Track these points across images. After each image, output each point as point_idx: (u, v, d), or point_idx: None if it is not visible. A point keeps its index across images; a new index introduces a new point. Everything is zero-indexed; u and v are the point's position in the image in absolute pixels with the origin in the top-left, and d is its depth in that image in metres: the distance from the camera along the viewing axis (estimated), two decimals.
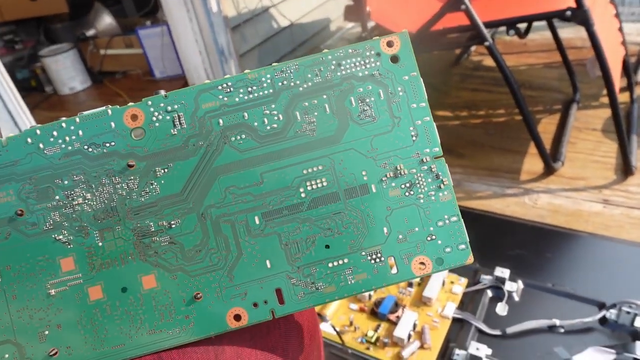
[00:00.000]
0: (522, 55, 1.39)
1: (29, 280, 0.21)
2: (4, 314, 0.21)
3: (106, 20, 1.85)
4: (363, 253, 0.22)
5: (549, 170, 0.90)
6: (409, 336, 0.55)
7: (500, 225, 0.72)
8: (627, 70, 1.02)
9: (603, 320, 0.54)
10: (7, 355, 0.21)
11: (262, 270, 0.22)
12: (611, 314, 0.54)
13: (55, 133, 0.22)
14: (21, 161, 0.22)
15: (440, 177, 0.22)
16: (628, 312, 0.52)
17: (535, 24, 1.07)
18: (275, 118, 0.22)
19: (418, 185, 0.22)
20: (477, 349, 0.52)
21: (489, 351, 0.52)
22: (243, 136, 0.22)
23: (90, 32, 1.81)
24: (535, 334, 0.54)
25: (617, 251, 0.64)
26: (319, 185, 0.22)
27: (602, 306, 0.56)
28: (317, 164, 0.22)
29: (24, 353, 0.21)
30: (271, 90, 0.22)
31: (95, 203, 0.22)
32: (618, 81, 0.85)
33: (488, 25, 0.83)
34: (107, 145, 0.22)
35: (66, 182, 0.22)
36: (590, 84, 1.16)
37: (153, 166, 0.22)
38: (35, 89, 1.82)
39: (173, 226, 0.22)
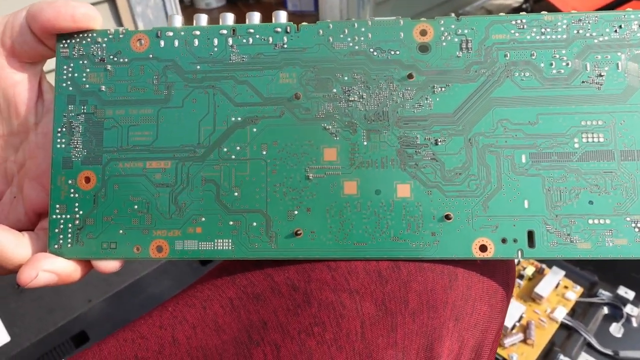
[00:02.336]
0: None
1: (291, 160, 0.22)
2: (262, 184, 0.22)
3: None
4: (628, 219, 0.21)
5: None
6: (513, 326, 0.54)
7: None
8: None
9: None
10: (255, 224, 0.22)
11: (518, 209, 0.21)
12: None
13: (346, 30, 0.23)
14: (309, 49, 0.23)
15: None
16: None
17: None
18: (564, 64, 0.22)
19: None
20: None
21: None
22: (527, 74, 0.22)
23: None
24: None
25: None
26: (595, 139, 0.22)
27: None
28: (598, 118, 0.22)
29: (270, 226, 0.22)
30: (565, 36, 0.22)
31: (369, 104, 0.22)
32: None
33: None
34: (392, 52, 0.22)
35: (346, 78, 0.22)
36: None
37: (432, 82, 0.22)
38: None
39: (439, 144, 0.22)
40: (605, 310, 0.57)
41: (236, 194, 0.22)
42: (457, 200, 0.22)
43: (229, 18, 0.24)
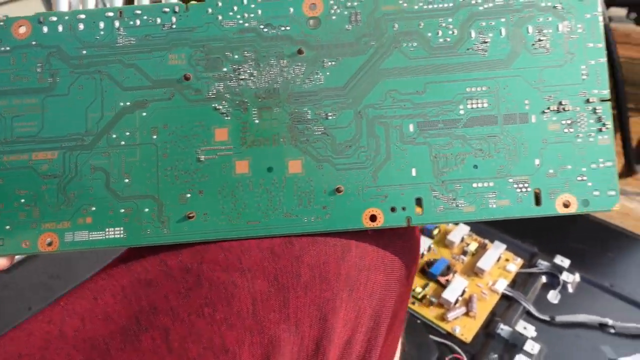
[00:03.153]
0: (623, 46, 1.30)
1: (182, 143, 0.22)
2: (153, 169, 0.22)
3: None
4: (510, 180, 0.22)
5: (628, 171, 0.87)
6: (456, 301, 0.55)
7: (565, 215, 0.69)
8: None
9: None
10: (146, 210, 0.22)
11: (406, 177, 0.22)
12: None
13: (235, 8, 0.22)
14: (198, 29, 0.22)
15: (603, 120, 0.22)
16: None
17: None
18: (450, 32, 0.22)
19: (579, 123, 0.22)
20: (525, 328, 0.52)
21: (534, 333, 0.52)
22: (415, 44, 0.22)
23: None
24: (584, 328, 0.53)
25: None
26: (480, 105, 0.22)
27: None
28: (482, 84, 0.22)
29: (162, 211, 0.22)
30: (451, 4, 0.22)
31: (259, 81, 0.22)
32: None
33: (607, 3, 0.79)
34: (282, 28, 0.22)
35: (236, 56, 0.22)
36: None
37: (322, 57, 0.22)
38: None
39: (329, 118, 0.22)
40: (544, 279, 0.59)
41: (127, 180, 0.22)
42: (347, 173, 0.22)
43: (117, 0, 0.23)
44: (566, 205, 0.22)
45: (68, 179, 0.22)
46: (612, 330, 0.53)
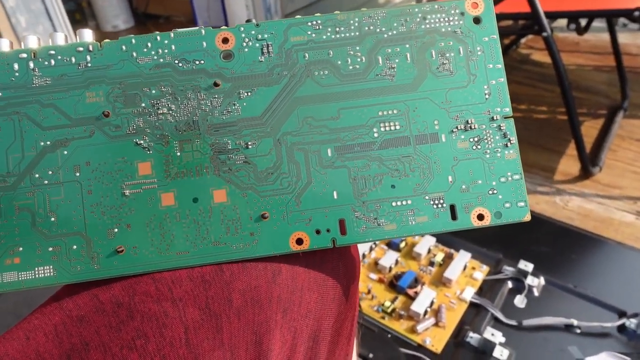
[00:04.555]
0: (573, 54, 1.35)
1: (106, 179, 0.22)
2: (78, 206, 0.22)
3: None
4: (426, 197, 0.23)
5: (585, 174, 0.90)
6: (425, 312, 0.56)
7: (530, 221, 0.71)
8: None
9: (621, 328, 0.55)
10: (75, 247, 0.22)
11: (328, 200, 0.23)
12: (631, 323, 0.54)
13: (149, 44, 0.23)
14: (114, 66, 0.23)
15: (508, 136, 0.23)
16: None
17: (593, 23, 1.03)
18: (358, 59, 0.23)
19: (486, 140, 0.23)
20: (492, 334, 0.53)
21: (503, 339, 0.53)
22: (326, 72, 0.23)
23: None
24: (550, 330, 0.55)
25: None
26: (392, 127, 0.23)
27: (622, 314, 0.56)
28: (393, 107, 0.23)
29: (91, 247, 0.22)
30: (357, 33, 0.23)
31: (178, 115, 0.23)
32: None
33: (549, 15, 0.80)
34: (197, 62, 0.23)
35: (154, 91, 0.23)
36: None
37: (238, 88, 0.23)
38: (79, 22, 1.85)
39: (249, 147, 0.23)
40: (510, 284, 0.61)
41: (53, 219, 0.22)
42: (271, 199, 0.23)
43: (32, 41, 0.23)
44: (480, 218, 0.23)
45: None
46: (578, 331, 0.55)
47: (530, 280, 0.60)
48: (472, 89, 0.23)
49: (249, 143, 0.23)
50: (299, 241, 0.23)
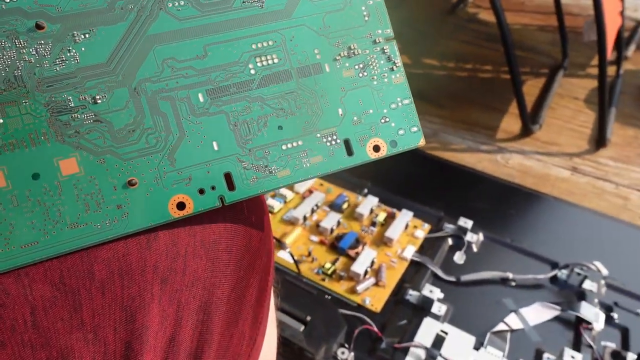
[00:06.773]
0: (518, 14, 1.37)
1: None
2: None
3: None
4: (318, 135, 0.21)
5: (525, 132, 0.94)
6: (366, 272, 0.56)
7: (470, 178, 0.74)
8: (619, 42, 1.02)
9: (554, 279, 0.58)
10: None
11: (208, 153, 0.19)
12: (562, 273, 0.58)
13: None
14: None
15: (392, 59, 0.22)
16: (578, 274, 0.57)
17: None
18: None
19: (371, 66, 0.22)
20: (431, 291, 0.54)
21: (441, 295, 0.55)
22: (182, 2, 0.19)
23: None
24: (487, 284, 0.57)
25: (577, 217, 0.69)
26: (270, 61, 0.20)
27: (554, 266, 0.60)
28: (267, 38, 0.20)
29: None
30: None
31: None
32: (611, 49, 0.85)
33: None
34: (5, 0, 0.18)
35: None
36: (580, 52, 1.17)
37: (70, 30, 0.18)
38: None
39: (99, 101, 0.18)
40: (450, 241, 0.62)
41: None
42: (138, 161, 0.19)
43: None
44: (377, 149, 0.22)
45: None
46: (513, 284, 0.57)
47: (469, 237, 0.62)
48: (349, 11, 0.21)
49: (97, 97, 0.18)
50: (181, 205, 0.19)
